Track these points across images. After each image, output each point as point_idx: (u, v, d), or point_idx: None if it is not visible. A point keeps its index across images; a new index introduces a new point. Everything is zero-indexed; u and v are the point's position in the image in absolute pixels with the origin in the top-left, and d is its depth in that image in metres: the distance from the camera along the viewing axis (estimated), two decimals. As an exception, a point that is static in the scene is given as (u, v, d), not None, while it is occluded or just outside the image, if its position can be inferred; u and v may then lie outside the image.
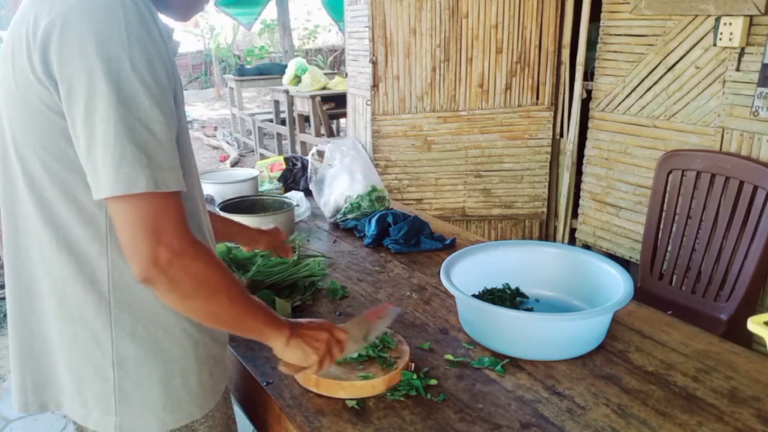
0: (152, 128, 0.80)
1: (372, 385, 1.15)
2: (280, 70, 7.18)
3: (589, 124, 2.98)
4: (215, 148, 8.08)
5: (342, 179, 2.18)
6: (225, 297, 0.89)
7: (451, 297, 1.51)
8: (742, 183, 2.20)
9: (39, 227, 0.90)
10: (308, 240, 2.02)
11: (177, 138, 0.87)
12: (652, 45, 2.61)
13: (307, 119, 5.89)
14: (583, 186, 3.07)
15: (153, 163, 0.79)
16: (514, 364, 1.26)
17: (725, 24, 2.27)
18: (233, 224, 1.48)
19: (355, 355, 1.19)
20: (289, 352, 1.00)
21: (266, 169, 2.61)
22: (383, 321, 1.22)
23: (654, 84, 2.63)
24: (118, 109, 0.77)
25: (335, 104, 5.52)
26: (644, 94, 2.68)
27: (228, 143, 7.92)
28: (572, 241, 3.32)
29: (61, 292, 0.92)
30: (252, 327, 0.97)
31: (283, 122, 6.36)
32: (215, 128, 8.98)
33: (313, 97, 5.49)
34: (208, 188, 2.07)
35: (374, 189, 2.15)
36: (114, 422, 0.94)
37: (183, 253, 0.82)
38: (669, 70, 2.56)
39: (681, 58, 2.50)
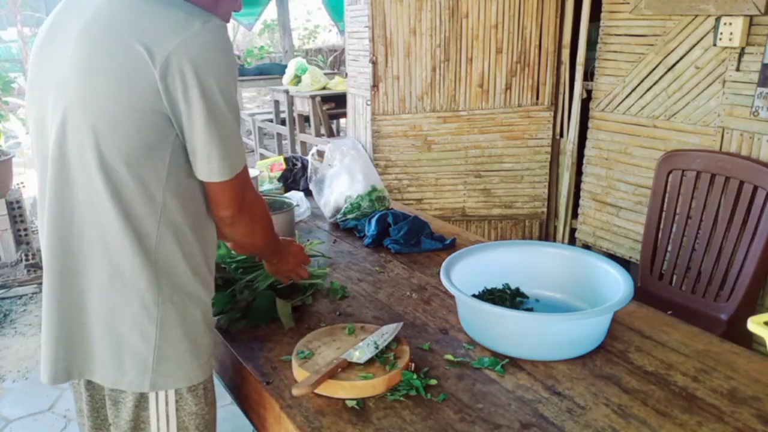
0: (236, 126, 1.06)
1: (372, 385, 1.15)
2: (280, 70, 7.17)
3: (589, 124, 2.98)
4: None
5: (342, 179, 2.18)
6: (268, 229, 1.28)
7: (451, 297, 1.51)
8: (742, 183, 2.20)
9: (106, 204, 1.03)
10: (308, 239, 2.02)
11: None
12: (652, 45, 2.61)
13: (307, 119, 5.88)
14: (583, 186, 3.07)
15: (240, 151, 1.08)
16: (514, 364, 1.26)
17: (725, 24, 2.27)
18: None
19: (362, 360, 1.19)
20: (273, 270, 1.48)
21: (266, 169, 2.61)
22: (389, 334, 1.27)
23: (654, 84, 2.63)
24: (227, 113, 1.03)
25: (335, 104, 5.52)
26: (644, 94, 2.68)
27: (228, 143, 7.89)
28: (572, 241, 3.32)
29: (117, 262, 1.05)
30: (270, 253, 1.40)
31: (283, 122, 6.36)
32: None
33: (313, 97, 5.49)
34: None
35: (374, 189, 2.15)
36: (149, 378, 1.08)
37: (253, 203, 1.17)
38: (669, 70, 2.56)
39: (681, 58, 2.50)
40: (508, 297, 1.50)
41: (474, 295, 1.47)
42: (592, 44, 3.03)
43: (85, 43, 1.01)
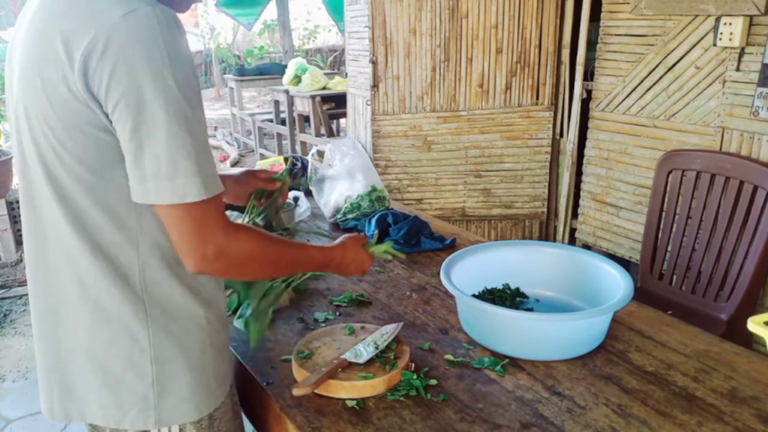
0: (197, 137, 0.86)
1: (372, 385, 1.15)
2: (280, 70, 7.18)
3: (589, 124, 2.98)
4: (215, 148, 8.07)
5: (342, 179, 2.18)
6: (270, 264, 1.05)
7: (451, 297, 1.51)
8: (742, 183, 2.20)
9: (70, 236, 0.92)
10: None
11: None
12: (652, 45, 2.61)
13: (307, 119, 5.89)
14: (583, 186, 3.07)
15: (202, 170, 0.86)
16: (514, 364, 1.26)
17: (725, 24, 2.27)
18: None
19: (362, 360, 1.19)
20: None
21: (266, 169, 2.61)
22: (389, 334, 1.27)
23: (654, 84, 2.63)
24: (168, 123, 0.83)
25: (335, 104, 5.52)
26: (644, 94, 2.68)
27: (228, 143, 7.92)
28: (572, 241, 3.32)
29: (95, 297, 0.94)
30: (305, 269, 1.25)
31: (283, 122, 6.36)
32: (215, 128, 8.98)
33: (313, 97, 5.49)
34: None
35: (374, 189, 2.15)
36: (153, 416, 0.98)
37: (227, 246, 0.92)
38: (669, 70, 2.56)
39: (681, 58, 2.50)
40: (508, 297, 1.50)
41: (474, 295, 1.47)
42: (592, 44, 3.03)
43: (23, 47, 0.88)
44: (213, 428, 1.06)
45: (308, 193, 2.36)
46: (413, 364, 1.23)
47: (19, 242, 4.16)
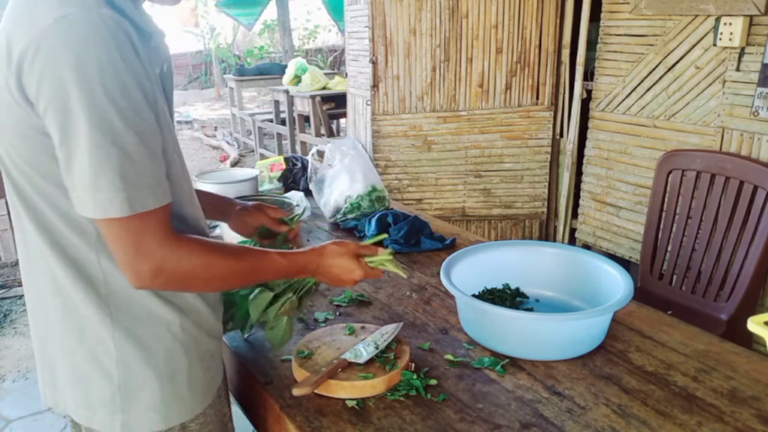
0: (127, 150, 0.81)
1: (372, 385, 1.15)
2: (280, 70, 7.18)
3: (589, 124, 2.98)
4: (215, 148, 8.08)
5: (342, 179, 2.18)
6: (218, 279, 0.97)
7: (451, 297, 1.51)
8: (742, 183, 2.20)
9: (36, 236, 0.92)
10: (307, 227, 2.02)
11: (165, 142, 0.90)
12: (652, 45, 2.61)
13: (307, 119, 5.89)
14: (583, 186, 3.07)
15: (129, 185, 0.82)
16: (514, 364, 1.26)
17: (725, 24, 2.27)
18: (218, 203, 1.40)
19: (362, 360, 1.19)
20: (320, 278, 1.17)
21: (266, 169, 2.61)
22: (389, 334, 1.27)
23: (654, 84, 2.63)
24: (91, 134, 0.79)
25: (335, 104, 5.53)
26: (644, 94, 2.68)
27: (228, 143, 7.92)
28: (572, 241, 3.33)
29: (65, 295, 0.94)
30: (268, 278, 1.13)
31: (283, 122, 6.36)
32: (215, 128, 8.98)
33: (313, 97, 5.49)
34: (208, 188, 2.07)
35: (374, 189, 2.15)
36: (120, 420, 0.97)
37: (165, 263, 0.87)
38: (669, 70, 2.56)
39: (681, 58, 2.50)
40: (508, 297, 1.50)
41: (474, 295, 1.47)
42: (592, 44, 3.03)
43: None
44: None
45: (308, 193, 2.36)
46: (413, 364, 1.23)
47: (19, 242, 4.16)
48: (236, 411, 1.43)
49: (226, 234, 1.73)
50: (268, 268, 1.05)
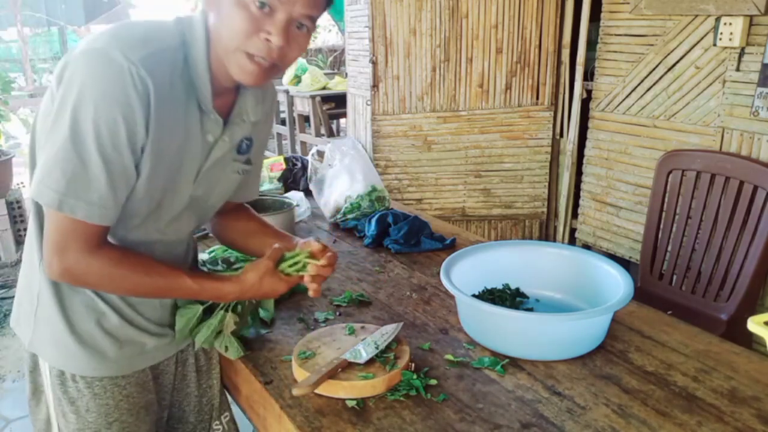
0: (87, 166, 0.95)
1: (372, 385, 1.15)
2: (280, 70, 7.17)
3: (589, 124, 2.98)
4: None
5: (342, 179, 2.18)
6: (124, 291, 1.10)
7: (451, 297, 1.51)
8: (742, 183, 2.20)
9: (33, 211, 1.12)
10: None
11: (145, 185, 1.02)
12: (652, 45, 2.61)
13: (307, 119, 5.89)
14: (583, 186, 3.07)
15: (69, 190, 0.95)
16: (514, 364, 1.26)
17: (725, 24, 2.27)
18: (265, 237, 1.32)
19: (362, 360, 1.19)
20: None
21: (266, 169, 2.61)
22: (389, 334, 1.27)
23: (654, 84, 2.63)
24: (66, 138, 0.94)
25: (335, 104, 5.52)
26: (644, 94, 2.68)
27: (228, 143, 7.90)
28: (572, 241, 3.33)
29: (30, 241, 1.14)
30: (181, 296, 1.16)
31: (283, 122, 6.36)
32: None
33: (313, 97, 5.49)
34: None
35: (374, 189, 2.15)
36: (29, 337, 1.15)
37: (73, 268, 1.01)
38: (669, 70, 2.56)
39: (681, 58, 2.50)
40: (508, 297, 1.50)
41: (474, 295, 1.47)
42: (592, 44, 3.03)
43: None
44: (70, 389, 1.14)
45: (308, 193, 2.36)
46: (413, 364, 1.23)
47: (19, 242, 4.15)
48: (236, 411, 1.43)
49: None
50: (175, 288, 1.12)
